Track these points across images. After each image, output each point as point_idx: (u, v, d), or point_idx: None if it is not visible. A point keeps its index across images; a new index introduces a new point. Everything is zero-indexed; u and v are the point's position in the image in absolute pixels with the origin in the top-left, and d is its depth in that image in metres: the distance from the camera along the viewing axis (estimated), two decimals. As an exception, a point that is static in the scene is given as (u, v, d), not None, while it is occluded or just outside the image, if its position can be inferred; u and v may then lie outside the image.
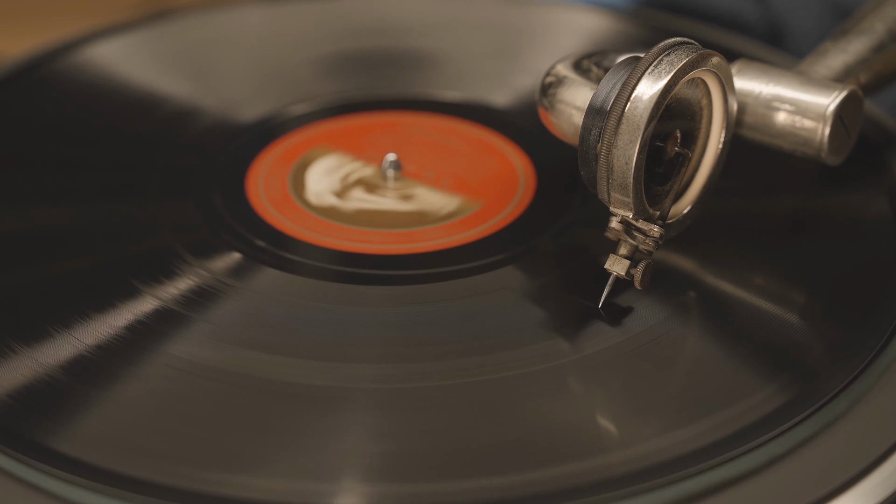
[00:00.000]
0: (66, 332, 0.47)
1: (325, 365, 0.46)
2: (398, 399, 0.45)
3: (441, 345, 0.47)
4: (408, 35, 0.70)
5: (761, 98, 0.52)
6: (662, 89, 0.45)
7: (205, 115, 0.62)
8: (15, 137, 0.60)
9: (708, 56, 0.47)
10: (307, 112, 0.62)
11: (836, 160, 0.52)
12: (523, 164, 0.58)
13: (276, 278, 0.50)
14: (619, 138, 0.46)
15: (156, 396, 0.45)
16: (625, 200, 0.46)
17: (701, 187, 0.50)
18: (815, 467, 0.43)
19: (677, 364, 0.46)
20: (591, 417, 0.44)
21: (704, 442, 0.42)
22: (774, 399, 0.44)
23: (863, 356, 0.46)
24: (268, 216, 0.54)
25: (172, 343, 0.47)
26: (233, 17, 0.71)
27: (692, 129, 0.49)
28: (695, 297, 0.49)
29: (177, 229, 0.53)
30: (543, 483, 0.41)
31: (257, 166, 0.58)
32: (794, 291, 0.50)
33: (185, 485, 0.41)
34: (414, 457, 0.42)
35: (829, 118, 0.51)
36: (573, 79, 0.51)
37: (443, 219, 0.54)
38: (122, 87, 0.64)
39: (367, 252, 0.52)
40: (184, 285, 0.50)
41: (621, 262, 0.47)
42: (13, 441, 0.43)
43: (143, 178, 0.57)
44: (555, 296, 0.50)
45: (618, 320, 0.47)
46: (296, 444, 0.43)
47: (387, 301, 0.49)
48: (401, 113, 0.63)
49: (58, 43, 0.67)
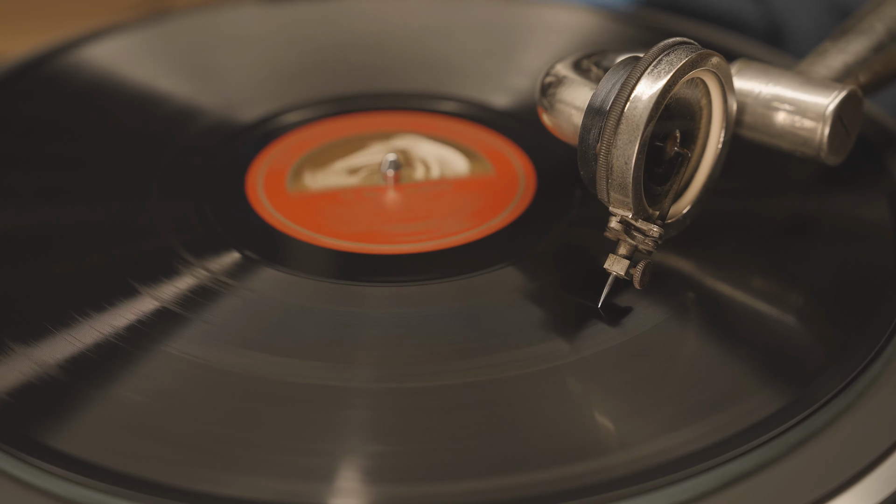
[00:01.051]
0: (66, 332, 0.47)
1: (325, 365, 0.46)
2: (397, 399, 0.44)
3: (440, 345, 0.47)
4: (408, 35, 0.70)
5: (761, 98, 0.52)
6: (662, 89, 0.45)
7: (205, 115, 0.62)
8: (15, 137, 0.60)
9: (707, 56, 0.47)
10: (307, 113, 0.62)
11: (836, 160, 0.52)
12: (523, 164, 0.58)
13: (276, 278, 0.50)
14: (618, 138, 0.46)
15: (155, 396, 0.44)
16: (624, 200, 0.46)
17: (700, 187, 0.50)
18: (814, 468, 0.42)
19: (676, 365, 0.46)
20: (590, 418, 0.44)
21: (704, 443, 0.42)
22: (773, 401, 0.44)
23: (861, 357, 0.46)
24: (267, 216, 0.54)
25: (172, 343, 0.47)
26: (233, 17, 0.71)
27: (692, 129, 0.49)
28: (694, 299, 0.49)
29: (177, 229, 0.53)
30: (542, 484, 0.41)
31: (257, 166, 0.58)
32: (794, 293, 0.50)
33: (184, 484, 0.41)
34: (412, 457, 0.42)
35: (829, 118, 0.51)
36: (573, 79, 0.51)
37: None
38: (121, 87, 0.64)
39: (367, 252, 0.52)
40: (183, 285, 0.50)
41: (621, 261, 0.47)
42: (13, 440, 0.42)
43: (143, 178, 0.57)
44: (554, 296, 0.50)
45: (617, 321, 0.47)
46: (295, 443, 0.43)
47: (387, 301, 0.49)
48: (401, 113, 0.63)
49: (58, 43, 0.67)
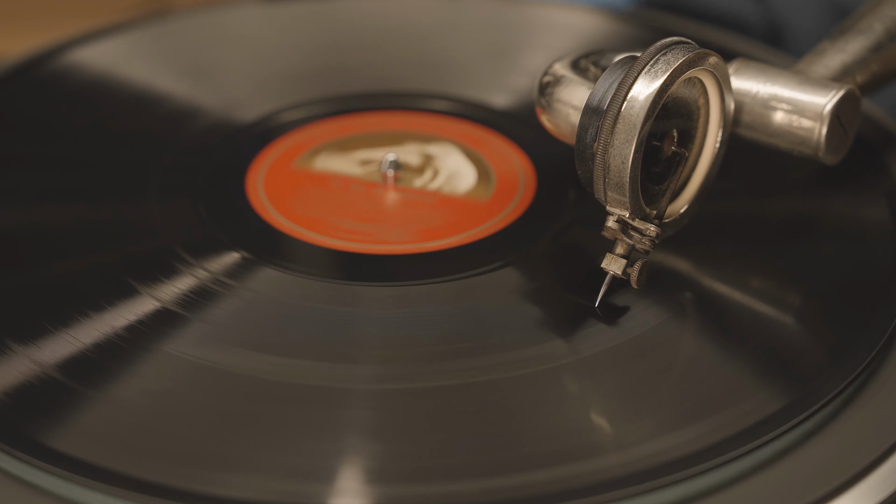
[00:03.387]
0: (66, 332, 0.47)
1: (325, 365, 0.46)
2: (396, 399, 0.44)
3: (440, 345, 0.47)
4: (408, 35, 0.70)
5: (759, 97, 0.52)
6: (659, 89, 0.45)
7: (205, 115, 0.62)
8: (15, 137, 0.60)
9: (705, 55, 0.47)
10: (307, 112, 0.62)
11: (834, 159, 0.52)
12: (523, 164, 0.58)
13: (275, 278, 0.50)
14: (615, 137, 0.46)
15: (155, 396, 0.45)
16: (621, 199, 0.46)
17: (698, 187, 0.50)
18: (813, 469, 0.42)
19: (675, 366, 0.46)
20: (588, 419, 0.44)
21: (702, 444, 0.42)
22: (772, 402, 0.44)
23: (861, 358, 0.46)
24: (267, 216, 0.54)
25: (171, 343, 0.47)
26: (233, 17, 0.71)
27: (689, 129, 0.49)
28: (692, 299, 0.49)
29: (176, 229, 0.53)
30: (540, 484, 0.41)
31: (257, 166, 0.58)
32: (793, 293, 0.50)
33: (183, 484, 0.41)
34: (411, 457, 0.42)
35: (827, 117, 0.51)
36: (570, 78, 0.51)
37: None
38: (121, 87, 0.64)
39: (367, 252, 0.52)
40: (183, 285, 0.50)
41: (618, 261, 0.47)
42: (12, 440, 0.43)
43: (143, 178, 0.57)
44: (554, 297, 0.50)
45: (616, 322, 0.47)
46: (295, 444, 0.43)
47: (386, 301, 0.49)
48: (400, 113, 0.63)
49: (58, 43, 0.67)
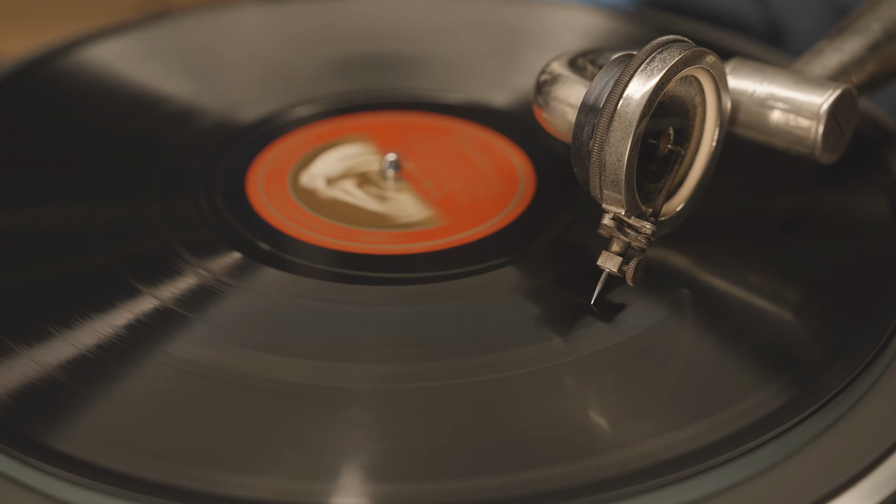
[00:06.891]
0: (67, 332, 0.47)
1: (325, 365, 0.46)
2: (397, 399, 0.45)
3: (440, 345, 0.47)
4: (408, 35, 0.70)
5: (756, 96, 0.52)
6: (654, 87, 0.45)
7: (205, 115, 0.62)
8: (15, 137, 0.60)
9: (701, 54, 0.47)
10: (307, 112, 0.62)
11: (831, 158, 0.52)
12: (523, 164, 0.58)
13: (276, 278, 0.50)
14: (611, 135, 0.46)
15: (156, 396, 0.45)
16: (617, 197, 0.46)
17: (694, 185, 0.50)
18: (814, 468, 0.42)
19: (674, 365, 0.46)
20: (588, 418, 0.44)
21: (702, 443, 0.42)
22: (772, 400, 0.44)
23: (862, 356, 0.46)
24: (268, 216, 0.54)
25: (172, 343, 0.47)
26: (233, 17, 0.71)
27: (685, 127, 0.49)
28: (691, 297, 0.49)
29: (177, 229, 0.53)
30: (539, 483, 0.41)
31: (257, 166, 0.58)
32: (793, 291, 0.50)
33: (184, 484, 0.41)
34: (411, 456, 0.42)
35: (823, 116, 0.51)
36: (567, 76, 0.51)
37: (399, 227, 0.54)
38: (122, 87, 0.64)
39: (367, 252, 0.52)
40: (184, 285, 0.50)
41: (613, 258, 0.47)
42: (13, 440, 0.43)
43: (143, 178, 0.57)
44: (554, 296, 0.50)
45: (615, 320, 0.47)
46: (295, 443, 0.43)
47: (387, 301, 0.49)
48: (401, 113, 0.63)
49: (58, 43, 0.67)
